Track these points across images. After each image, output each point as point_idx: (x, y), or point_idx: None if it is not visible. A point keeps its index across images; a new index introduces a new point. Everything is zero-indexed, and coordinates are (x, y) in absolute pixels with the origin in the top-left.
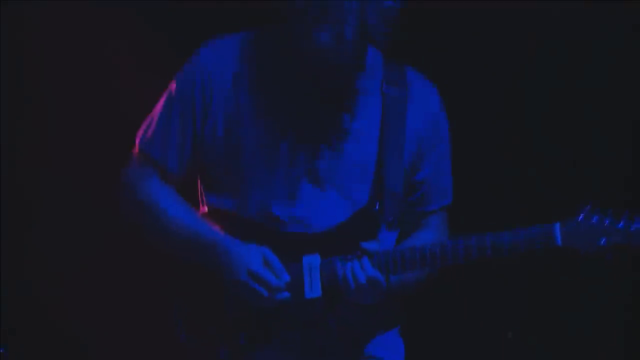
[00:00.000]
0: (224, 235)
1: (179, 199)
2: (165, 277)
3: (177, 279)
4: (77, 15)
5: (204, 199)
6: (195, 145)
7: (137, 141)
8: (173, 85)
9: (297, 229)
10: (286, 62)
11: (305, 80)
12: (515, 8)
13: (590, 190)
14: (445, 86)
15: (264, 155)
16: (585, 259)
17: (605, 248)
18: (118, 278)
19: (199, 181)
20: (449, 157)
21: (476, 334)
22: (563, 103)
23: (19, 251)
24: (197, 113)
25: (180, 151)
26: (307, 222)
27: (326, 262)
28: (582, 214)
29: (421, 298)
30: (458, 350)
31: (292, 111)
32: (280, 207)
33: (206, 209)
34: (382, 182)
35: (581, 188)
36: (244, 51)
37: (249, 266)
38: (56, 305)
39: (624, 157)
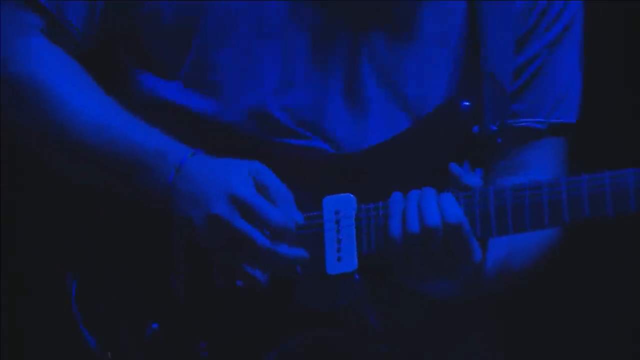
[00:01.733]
0: (178, 142)
1: (86, 75)
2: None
3: (74, 228)
4: None
5: (138, 82)
6: None
7: None
8: None
9: (314, 144)
10: None
11: None
12: None
13: None
14: None
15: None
16: None
17: None
18: None
19: (120, 57)
20: (578, 45)
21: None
22: None
23: None
24: None
25: None
26: (332, 135)
27: (368, 208)
28: None
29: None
30: None
31: None
32: (282, 104)
33: (140, 102)
34: (478, 65)
35: None
36: None
37: (231, 189)
38: None
39: None
